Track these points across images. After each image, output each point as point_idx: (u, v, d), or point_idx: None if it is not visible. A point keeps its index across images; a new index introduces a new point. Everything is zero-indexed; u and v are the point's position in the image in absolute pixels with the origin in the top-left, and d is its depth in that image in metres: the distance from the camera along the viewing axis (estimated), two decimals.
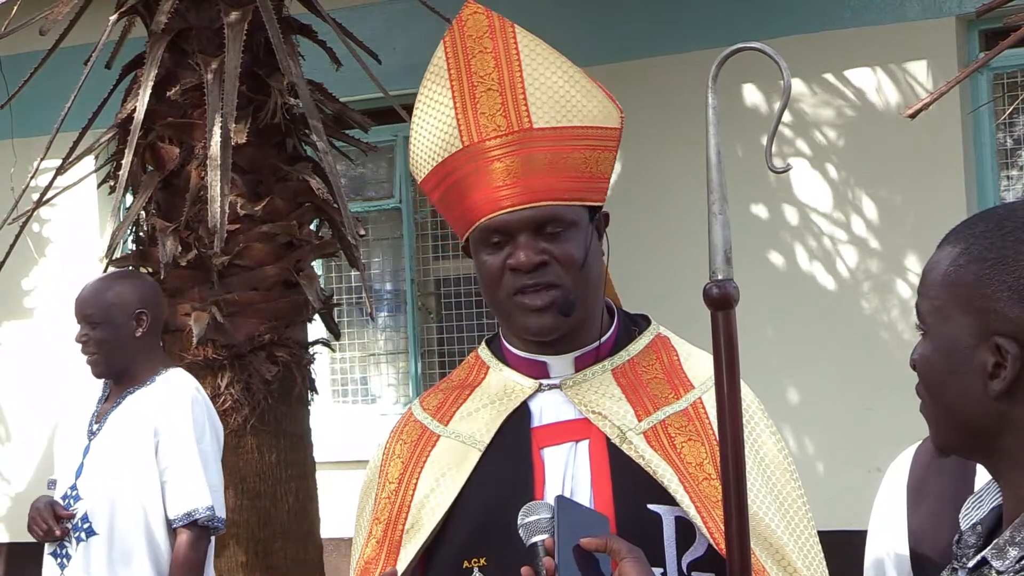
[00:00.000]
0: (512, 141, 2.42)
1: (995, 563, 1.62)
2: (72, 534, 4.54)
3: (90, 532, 4.53)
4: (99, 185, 7.23)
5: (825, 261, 7.86)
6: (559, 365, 2.49)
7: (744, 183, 7.46)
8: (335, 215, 6.46)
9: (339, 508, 6.26)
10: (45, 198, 6.73)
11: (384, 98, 6.62)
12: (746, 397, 2.40)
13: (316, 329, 6.83)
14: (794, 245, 7.92)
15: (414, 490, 2.48)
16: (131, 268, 6.20)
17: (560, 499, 2.26)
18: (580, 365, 2.49)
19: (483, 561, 2.40)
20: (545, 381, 2.49)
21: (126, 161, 6.20)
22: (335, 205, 6.38)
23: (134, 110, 6.22)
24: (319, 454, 6.69)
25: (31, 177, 6.73)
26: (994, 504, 1.72)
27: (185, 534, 4.53)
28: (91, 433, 4.61)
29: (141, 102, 6.16)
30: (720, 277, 2.19)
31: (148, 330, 4.64)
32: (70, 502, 4.57)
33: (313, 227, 6.69)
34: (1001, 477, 1.68)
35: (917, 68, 7.64)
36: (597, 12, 8.27)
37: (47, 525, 4.52)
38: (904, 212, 7.67)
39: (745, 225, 7.43)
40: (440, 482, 2.46)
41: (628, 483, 2.38)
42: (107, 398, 4.67)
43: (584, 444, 2.43)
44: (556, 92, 2.46)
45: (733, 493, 2.17)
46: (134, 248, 6.59)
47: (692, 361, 2.52)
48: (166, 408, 4.55)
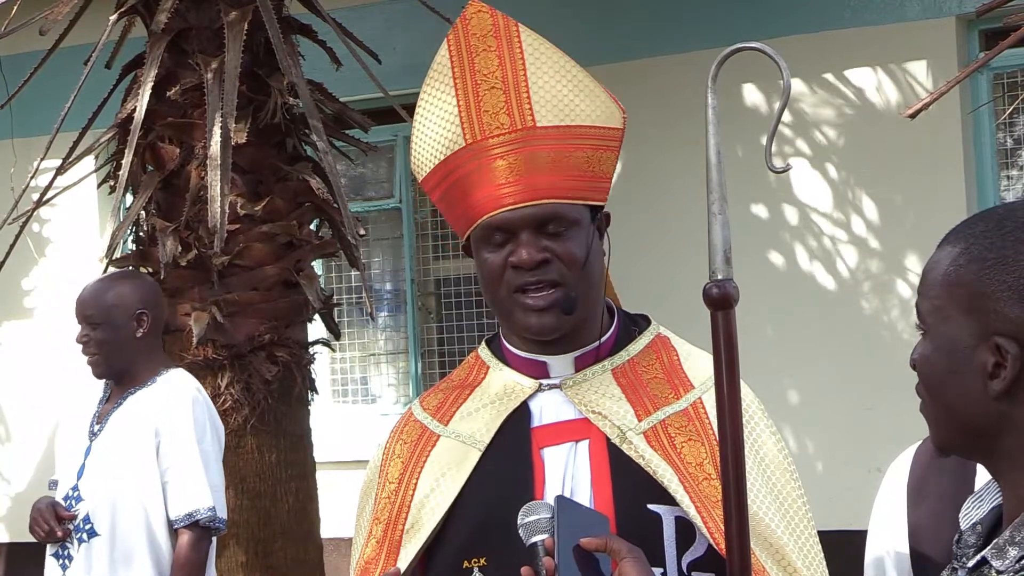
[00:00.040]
0: (515, 139, 2.42)
1: (995, 563, 1.62)
2: (74, 535, 4.54)
3: (92, 533, 4.52)
4: (99, 185, 7.23)
5: (825, 261, 7.86)
6: (559, 365, 2.49)
7: (744, 183, 7.46)
8: (335, 215, 6.46)
9: (339, 508, 6.26)
10: (45, 198, 6.72)
11: (384, 98, 6.62)
12: (746, 397, 2.40)
13: (316, 329, 6.82)
14: (794, 245, 7.92)
15: (414, 490, 2.48)
16: (131, 268, 6.20)
17: (560, 499, 2.26)
18: (580, 365, 2.48)
19: (483, 561, 2.39)
20: (545, 381, 2.49)
21: (126, 161, 6.20)
22: (335, 205, 6.38)
23: (134, 110, 6.22)
24: (319, 454, 6.69)
25: (31, 177, 6.73)
26: (994, 504, 1.72)
27: (186, 535, 4.52)
28: (92, 434, 4.60)
29: (141, 102, 6.16)
30: (720, 277, 2.19)
31: (149, 331, 4.63)
32: (72, 503, 4.56)
33: (313, 227, 6.69)
34: (1001, 477, 1.68)
35: (917, 68, 7.64)
36: (597, 12, 8.27)
37: (49, 526, 4.51)
38: (904, 212, 7.66)
39: (745, 225, 7.43)
40: (440, 482, 2.46)
41: (628, 483, 2.38)
42: (108, 399, 4.67)
43: (584, 444, 2.43)
44: (560, 91, 2.46)
45: (733, 493, 2.17)
46: (134, 248, 6.59)
47: (692, 361, 2.51)
48: (167, 409, 4.54)
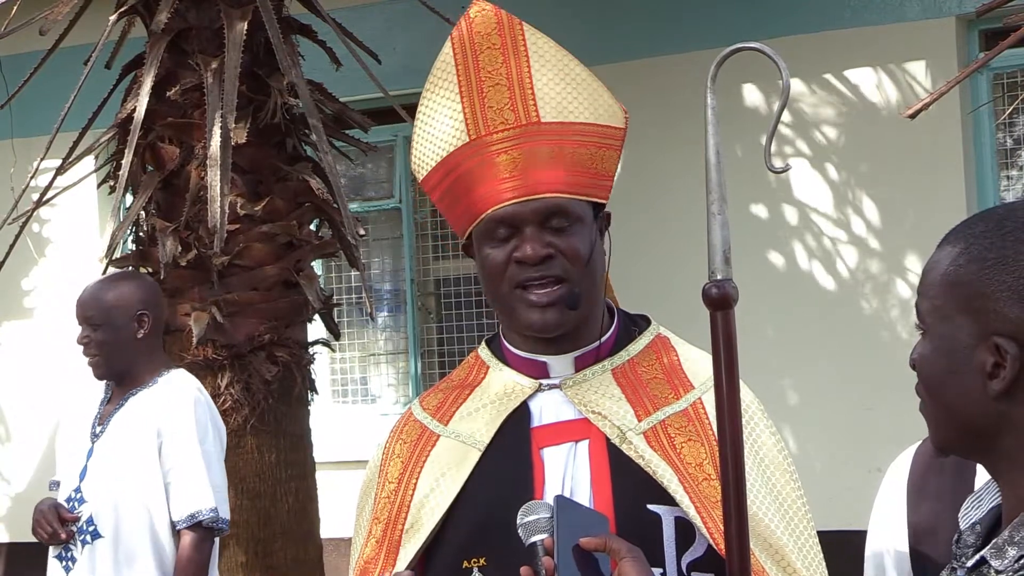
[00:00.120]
0: (519, 134, 2.43)
1: (994, 562, 1.62)
2: (77, 537, 4.53)
3: (95, 535, 4.52)
4: (99, 185, 7.23)
5: (825, 261, 7.86)
6: (559, 365, 2.49)
7: (744, 183, 7.46)
8: (335, 215, 6.46)
9: (339, 508, 6.25)
10: (45, 198, 6.73)
11: (384, 98, 6.62)
12: (745, 397, 2.40)
13: (316, 329, 6.82)
14: (794, 245, 7.92)
15: (414, 490, 2.48)
16: (131, 268, 6.20)
17: (559, 499, 2.26)
18: (580, 365, 2.48)
19: (483, 561, 2.39)
20: (545, 381, 2.48)
21: (126, 161, 6.20)
22: (335, 205, 6.38)
23: (134, 110, 6.22)
24: (319, 454, 6.69)
25: (31, 177, 6.73)
26: (993, 504, 1.72)
27: (189, 535, 4.51)
28: (94, 435, 4.59)
29: (141, 102, 6.16)
30: (719, 277, 2.19)
31: (150, 331, 4.63)
32: (74, 505, 4.55)
33: (313, 227, 6.69)
34: (1000, 477, 1.68)
35: (917, 68, 7.65)
36: (597, 12, 8.27)
37: (52, 528, 4.50)
38: (904, 212, 7.66)
39: (745, 225, 7.43)
40: (440, 482, 2.46)
41: (628, 483, 2.38)
42: (109, 400, 4.66)
43: (584, 444, 2.43)
44: (563, 89, 2.46)
45: (732, 493, 2.17)
46: (134, 248, 6.59)
47: (692, 361, 2.51)
48: (169, 409, 4.54)
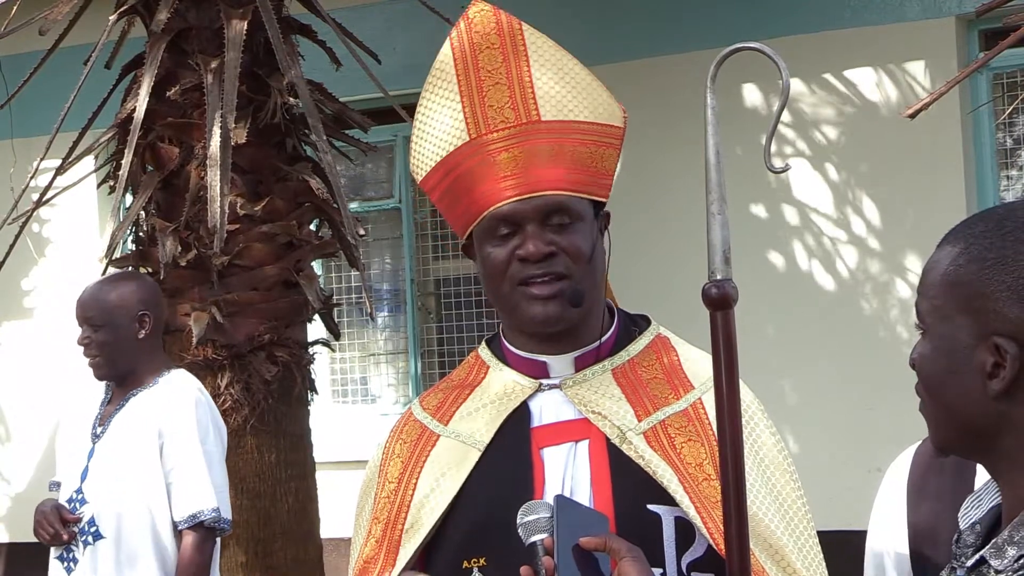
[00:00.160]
0: (519, 133, 2.43)
1: (993, 562, 1.62)
2: (79, 537, 4.52)
3: (97, 536, 4.51)
4: (99, 185, 7.23)
5: (825, 261, 7.86)
6: (559, 365, 2.49)
7: (743, 183, 7.46)
8: (335, 215, 6.46)
9: (339, 508, 6.25)
10: (45, 198, 6.73)
11: (384, 98, 6.62)
12: (745, 397, 2.40)
13: (316, 329, 6.82)
14: (794, 245, 7.92)
15: (414, 490, 2.48)
16: (131, 268, 6.20)
17: (559, 498, 2.26)
18: (580, 365, 2.48)
19: (483, 561, 2.39)
20: (545, 381, 2.48)
21: (126, 161, 6.20)
22: (335, 205, 6.38)
23: (134, 110, 6.22)
24: (319, 454, 6.69)
25: (31, 177, 6.73)
26: (993, 503, 1.72)
27: (190, 536, 4.51)
28: (95, 436, 4.59)
29: (141, 102, 6.16)
30: (719, 277, 2.19)
31: (150, 332, 4.62)
32: (76, 505, 4.55)
33: (313, 227, 6.69)
34: (1000, 477, 1.68)
35: (917, 68, 7.65)
36: (597, 12, 8.27)
37: (54, 529, 4.50)
38: (904, 212, 7.67)
39: (744, 225, 7.43)
40: (440, 482, 2.46)
41: (628, 483, 2.38)
42: (110, 400, 4.65)
43: (584, 444, 2.43)
44: (563, 88, 2.47)
45: (732, 494, 2.17)
46: (134, 248, 6.59)
47: (692, 361, 2.51)
48: (170, 410, 4.53)
